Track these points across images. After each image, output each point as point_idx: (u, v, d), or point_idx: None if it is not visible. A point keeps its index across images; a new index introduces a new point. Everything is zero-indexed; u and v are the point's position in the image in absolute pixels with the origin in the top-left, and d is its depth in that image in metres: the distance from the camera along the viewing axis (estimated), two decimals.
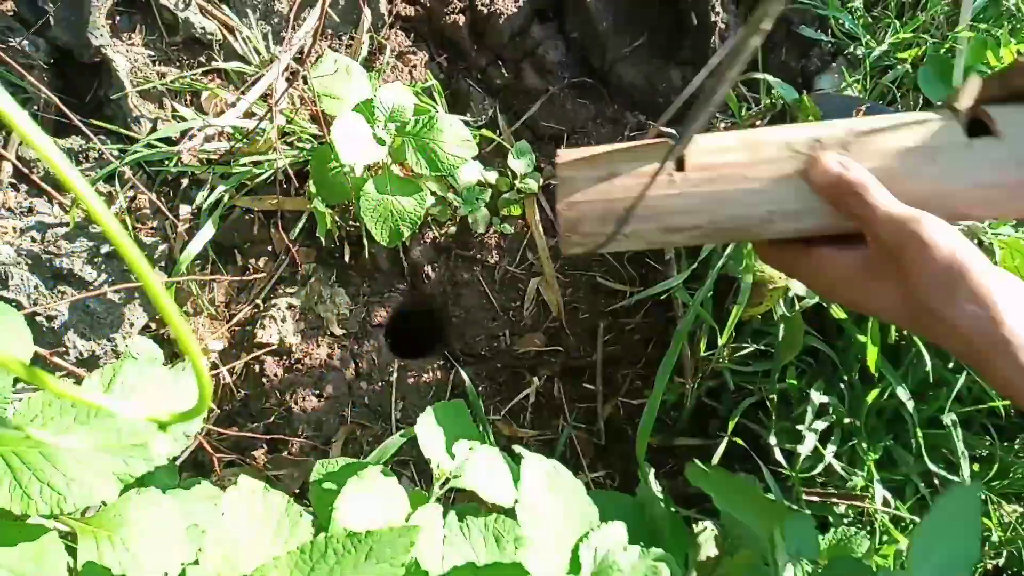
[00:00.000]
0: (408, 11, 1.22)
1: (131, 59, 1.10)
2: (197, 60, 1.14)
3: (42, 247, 1.03)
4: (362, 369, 1.10)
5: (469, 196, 1.08)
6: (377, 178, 0.97)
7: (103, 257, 1.04)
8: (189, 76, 1.11)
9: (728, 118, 1.13)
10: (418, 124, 0.95)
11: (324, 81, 0.98)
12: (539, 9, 1.21)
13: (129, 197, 1.08)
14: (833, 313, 0.92)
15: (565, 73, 1.19)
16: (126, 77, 1.09)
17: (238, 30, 1.13)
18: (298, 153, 1.08)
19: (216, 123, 1.03)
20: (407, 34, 1.21)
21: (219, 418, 1.05)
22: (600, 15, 1.16)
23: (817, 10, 1.16)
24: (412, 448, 1.05)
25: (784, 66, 1.20)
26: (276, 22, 1.16)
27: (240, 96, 1.08)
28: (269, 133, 1.06)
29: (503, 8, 1.17)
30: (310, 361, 1.08)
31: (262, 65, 1.13)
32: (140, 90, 1.10)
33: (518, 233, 1.14)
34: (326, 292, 1.12)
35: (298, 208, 1.11)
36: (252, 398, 1.06)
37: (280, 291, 1.12)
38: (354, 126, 0.92)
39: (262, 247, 1.13)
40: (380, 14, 1.19)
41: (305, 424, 1.04)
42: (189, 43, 1.14)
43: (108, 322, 1.03)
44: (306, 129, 1.09)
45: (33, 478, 0.45)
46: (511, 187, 1.12)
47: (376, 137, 0.94)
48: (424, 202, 0.99)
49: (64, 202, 1.06)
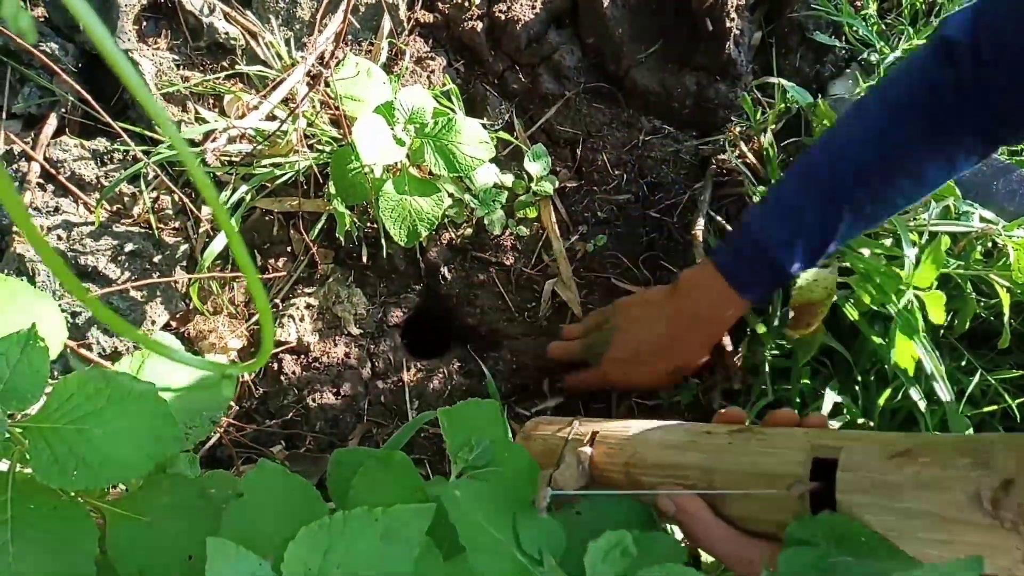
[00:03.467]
0: (427, 17, 1.24)
1: (156, 63, 1.13)
2: (220, 64, 1.16)
3: (68, 245, 1.05)
4: (378, 368, 1.12)
5: (486, 198, 1.10)
6: (396, 179, 0.99)
7: (127, 255, 1.06)
8: (212, 80, 1.14)
9: (744, 121, 1.14)
10: (437, 126, 0.97)
11: (346, 84, 1.00)
12: (555, 15, 1.23)
13: (152, 197, 1.11)
14: (848, 314, 0.93)
15: (581, 78, 1.21)
16: (151, 80, 1.11)
17: (260, 35, 1.16)
18: (318, 155, 1.10)
19: (239, 125, 1.05)
20: (425, 40, 1.23)
21: (238, 414, 1.06)
22: (615, 21, 1.18)
23: (831, 16, 1.17)
24: (429, 444, 1.06)
25: (798, 71, 1.21)
26: (297, 28, 1.18)
27: (262, 99, 1.11)
28: (290, 135, 1.08)
29: (520, 14, 1.19)
30: (327, 360, 1.10)
31: (284, 69, 1.15)
32: (164, 93, 1.12)
33: (533, 235, 1.15)
34: (344, 292, 1.13)
35: (317, 209, 1.13)
36: (270, 395, 1.07)
37: (299, 291, 1.14)
38: (375, 127, 0.93)
39: (281, 247, 1.15)
40: (399, 20, 1.22)
41: (322, 421, 1.06)
42: (213, 48, 1.16)
43: (131, 319, 1.05)
44: (326, 132, 1.11)
45: (69, 454, 0.47)
46: (527, 190, 1.13)
47: (396, 138, 0.96)
48: (442, 203, 1.01)
49: (89, 202, 1.09)
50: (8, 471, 0.50)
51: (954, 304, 0.94)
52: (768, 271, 0.85)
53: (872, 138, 0.80)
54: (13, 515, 0.49)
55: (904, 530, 0.50)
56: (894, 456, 0.52)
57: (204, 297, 1.10)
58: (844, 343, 0.95)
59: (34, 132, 1.11)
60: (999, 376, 0.93)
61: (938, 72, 0.75)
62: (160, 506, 0.58)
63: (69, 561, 0.49)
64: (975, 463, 0.48)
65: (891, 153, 0.79)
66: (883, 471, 0.52)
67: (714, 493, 0.61)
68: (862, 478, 0.53)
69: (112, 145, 1.10)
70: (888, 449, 0.53)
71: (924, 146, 0.78)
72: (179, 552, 0.57)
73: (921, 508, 0.49)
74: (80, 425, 0.48)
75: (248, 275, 0.24)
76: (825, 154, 0.83)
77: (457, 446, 0.66)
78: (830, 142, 0.84)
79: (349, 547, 0.47)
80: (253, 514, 0.55)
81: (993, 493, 0.46)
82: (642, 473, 0.68)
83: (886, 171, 0.79)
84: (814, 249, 0.83)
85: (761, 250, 0.84)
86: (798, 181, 0.85)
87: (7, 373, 0.51)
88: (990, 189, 0.99)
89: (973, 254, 0.93)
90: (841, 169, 0.81)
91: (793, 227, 0.83)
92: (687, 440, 0.67)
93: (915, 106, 0.77)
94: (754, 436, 0.63)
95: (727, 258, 0.89)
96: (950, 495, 0.48)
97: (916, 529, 0.50)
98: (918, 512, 0.49)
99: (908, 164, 0.79)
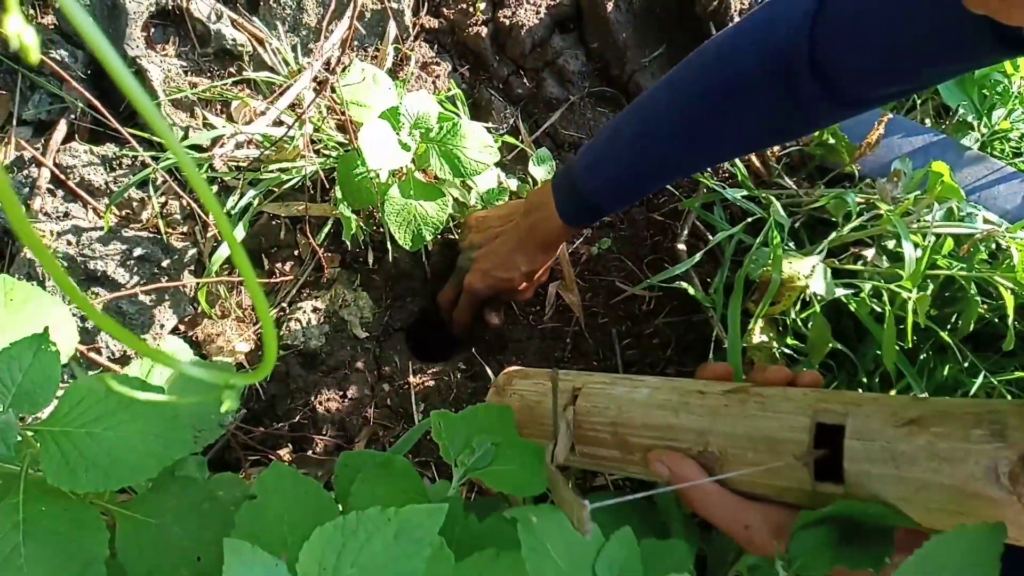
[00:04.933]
0: (432, 23, 1.25)
1: (164, 69, 1.14)
2: (228, 70, 1.17)
3: (77, 250, 1.06)
4: (384, 371, 1.12)
5: (491, 201, 1.10)
6: (401, 183, 1.00)
7: (135, 260, 1.07)
8: (220, 86, 1.15)
9: None
10: (442, 130, 0.98)
11: (352, 89, 1.01)
12: (560, 20, 1.24)
13: (161, 202, 1.12)
14: (857, 313, 0.93)
15: (585, 82, 1.22)
16: (159, 87, 1.13)
17: (267, 42, 1.17)
18: (325, 160, 1.11)
19: (247, 130, 1.06)
20: (431, 45, 1.24)
21: (246, 417, 1.07)
22: (620, 26, 1.19)
23: None
24: (434, 446, 1.06)
25: None
26: (304, 34, 1.19)
27: (269, 105, 1.12)
28: (297, 141, 1.09)
29: (524, 19, 1.19)
30: (334, 363, 1.11)
31: (290, 75, 1.16)
32: (172, 99, 1.13)
33: None
34: (350, 296, 1.14)
35: (324, 214, 1.14)
36: (278, 398, 1.08)
37: (305, 294, 1.15)
38: (380, 132, 0.94)
39: (288, 252, 1.16)
40: (405, 26, 1.23)
41: (329, 424, 1.06)
42: (220, 54, 1.18)
43: (140, 323, 1.06)
44: (332, 137, 1.12)
45: (80, 457, 0.48)
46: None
47: (401, 143, 0.96)
48: (447, 207, 1.02)
49: (98, 208, 1.10)
50: (20, 474, 0.51)
51: (958, 306, 0.95)
52: (586, 211, 0.96)
53: (684, 131, 0.84)
54: (25, 517, 0.49)
55: (916, 502, 0.49)
56: (904, 424, 0.51)
57: (212, 301, 1.11)
58: (849, 345, 0.96)
59: (44, 138, 1.13)
60: (1003, 378, 0.93)
61: (771, 92, 0.76)
62: (169, 508, 0.59)
63: (80, 563, 0.49)
64: (991, 434, 0.47)
65: (700, 149, 0.86)
66: (893, 440, 0.50)
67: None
68: (871, 447, 0.51)
69: (121, 151, 1.12)
70: (897, 416, 0.51)
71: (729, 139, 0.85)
72: (188, 554, 0.57)
73: (935, 480, 0.48)
74: (91, 428, 0.49)
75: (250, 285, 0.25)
76: (637, 118, 0.88)
77: (457, 449, 0.66)
78: (645, 108, 0.88)
79: (363, 547, 0.48)
80: (266, 515, 0.56)
81: (1012, 467, 0.46)
82: (631, 434, 0.66)
83: (693, 158, 0.89)
84: (619, 197, 0.94)
85: (579, 191, 0.93)
86: (609, 137, 0.91)
87: (19, 377, 0.52)
88: (994, 192, 0.99)
89: (977, 256, 0.93)
90: (649, 143, 0.86)
91: (604, 175, 0.91)
92: (679, 401, 0.64)
93: (738, 113, 0.80)
94: (751, 398, 0.60)
95: (560, 188, 0.97)
96: (965, 467, 0.47)
97: (928, 501, 0.49)
98: (931, 484, 0.48)
99: (710, 153, 0.89)
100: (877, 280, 0.92)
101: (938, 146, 1.05)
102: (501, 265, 1.05)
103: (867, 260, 0.96)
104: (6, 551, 0.48)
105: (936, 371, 0.94)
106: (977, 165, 1.03)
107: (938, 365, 0.93)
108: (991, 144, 1.13)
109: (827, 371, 1.00)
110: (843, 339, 0.96)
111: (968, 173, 1.02)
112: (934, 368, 0.94)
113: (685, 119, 0.82)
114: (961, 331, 0.94)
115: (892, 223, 0.90)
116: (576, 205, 0.95)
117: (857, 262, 0.97)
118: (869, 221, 0.97)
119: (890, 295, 0.89)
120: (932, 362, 0.94)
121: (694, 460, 0.60)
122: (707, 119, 0.81)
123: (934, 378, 0.94)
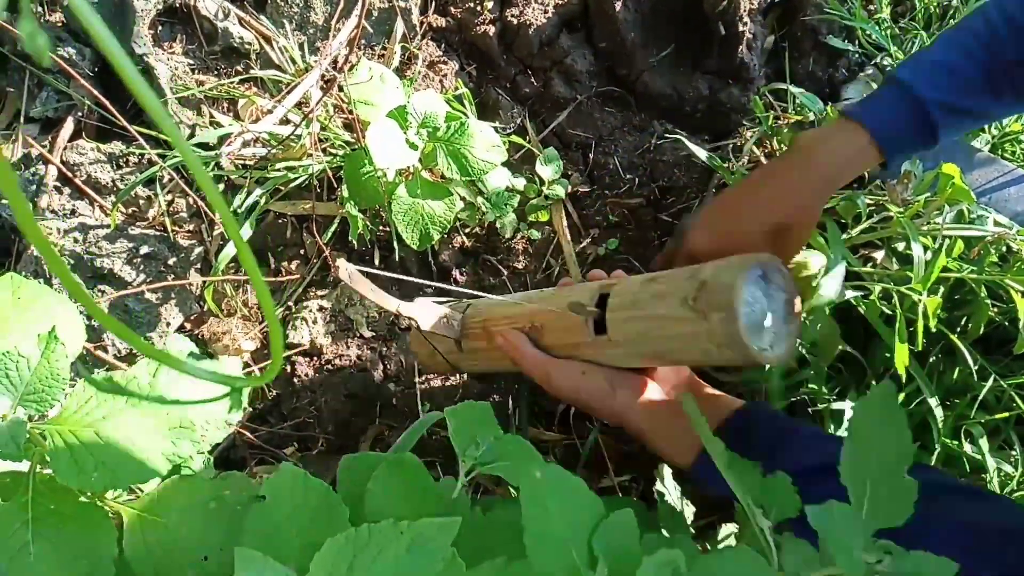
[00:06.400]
0: (439, 22, 1.25)
1: (171, 67, 1.14)
2: (235, 69, 1.17)
3: (84, 248, 1.06)
4: (390, 371, 1.12)
5: (497, 201, 1.10)
6: (408, 183, 1.00)
7: (142, 258, 1.07)
8: (227, 84, 1.15)
9: (756, 126, 1.14)
10: (449, 130, 0.98)
11: (359, 88, 1.00)
12: (567, 20, 1.24)
13: (167, 200, 1.12)
14: (867, 316, 0.93)
15: (592, 82, 1.21)
16: (167, 85, 1.12)
17: (274, 40, 1.17)
18: (331, 159, 1.11)
19: (254, 129, 1.06)
20: (438, 44, 1.24)
21: (251, 416, 1.07)
22: (627, 25, 1.18)
23: (844, 20, 1.17)
24: (440, 446, 1.06)
25: (811, 76, 1.21)
26: (311, 32, 1.19)
27: (276, 104, 1.11)
28: (304, 139, 1.08)
29: (532, 19, 1.19)
30: (340, 362, 1.10)
31: (297, 74, 1.16)
32: (179, 97, 1.13)
33: (545, 239, 1.15)
34: (356, 295, 1.14)
35: (330, 213, 1.14)
36: (283, 397, 1.08)
37: (311, 293, 1.15)
38: (388, 131, 0.94)
39: (295, 250, 1.16)
40: (412, 25, 1.22)
41: (334, 423, 1.06)
42: (227, 52, 1.17)
43: (146, 321, 1.06)
44: (339, 136, 1.11)
45: (88, 456, 0.47)
46: (539, 193, 1.14)
47: (409, 142, 0.96)
48: (454, 206, 1.01)
49: (105, 205, 1.10)
50: (29, 472, 0.51)
51: (968, 309, 0.94)
52: (908, 113, 0.77)
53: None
54: (34, 516, 0.49)
55: (650, 331, 0.67)
56: (646, 282, 0.69)
57: (218, 299, 1.10)
58: (857, 348, 0.95)
59: (51, 136, 1.13)
60: (1013, 381, 0.93)
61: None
62: (176, 507, 0.59)
63: (88, 561, 0.49)
64: (690, 277, 0.64)
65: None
66: (638, 292, 0.69)
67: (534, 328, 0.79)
68: (624, 300, 0.69)
69: (128, 148, 1.12)
70: (644, 278, 0.70)
71: None
72: (194, 552, 0.57)
73: (656, 313, 0.65)
74: (99, 427, 0.49)
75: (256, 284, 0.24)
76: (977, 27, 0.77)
77: (464, 445, 0.66)
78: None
79: (375, 560, 0.47)
80: (275, 518, 0.56)
81: (695, 292, 0.62)
82: (492, 324, 0.83)
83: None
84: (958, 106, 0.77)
85: (907, 88, 0.77)
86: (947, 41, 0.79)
87: (27, 375, 0.52)
88: (1005, 194, 0.99)
89: (988, 259, 0.92)
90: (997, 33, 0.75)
91: (940, 68, 0.77)
92: (524, 297, 0.84)
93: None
94: (567, 287, 0.81)
95: (861, 107, 0.79)
96: (672, 299, 0.64)
97: (655, 328, 0.66)
98: (654, 316, 0.66)
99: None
100: (887, 282, 0.91)
101: (948, 148, 1.05)
102: (733, 215, 0.81)
103: (877, 262, 0.95)
104: (15, 549, 0.48)
105: (946, 374, 0.93)
106: (988, 167, 1.03)
107: (948, 368, 0.92)
108: (1002, 146, 1.12)
109: (835, 373, 0.99)
110: (851, 341, 0.95)
111: (979, 175, 1.02)
112: (944, 371, 0.94)
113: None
114: (971, 334, 0.93)
115: (902, 225, 0.90)
116: (905, 112, 0.76)
117: (867, 264, 0.96)
118: (879, 223, 0.97)
119: (900, 297, 0.89)
120: (942, 365, 0.94)
121: (525, 333, 0.79)
122: None
123: (943, 381, 0.93)
